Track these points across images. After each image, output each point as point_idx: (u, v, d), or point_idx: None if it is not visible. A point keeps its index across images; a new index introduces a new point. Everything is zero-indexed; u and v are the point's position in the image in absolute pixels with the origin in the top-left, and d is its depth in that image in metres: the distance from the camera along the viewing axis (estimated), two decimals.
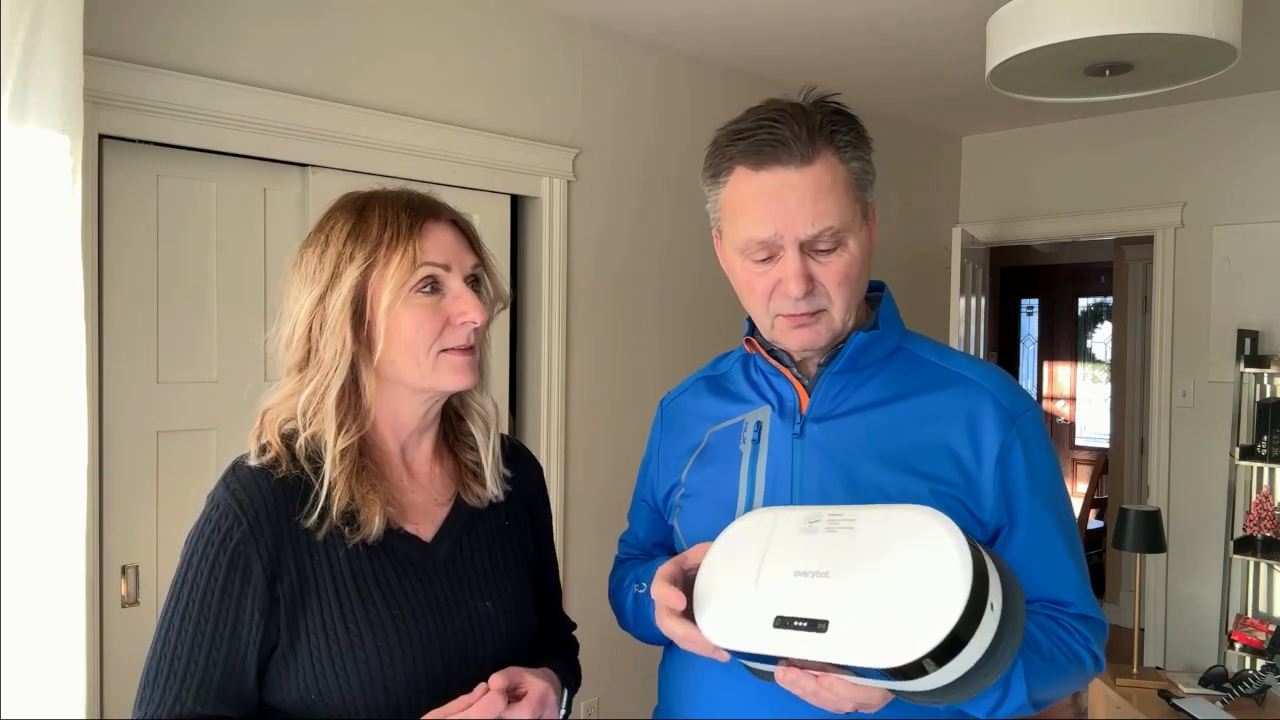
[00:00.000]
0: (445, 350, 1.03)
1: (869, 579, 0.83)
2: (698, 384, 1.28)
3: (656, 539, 1.30)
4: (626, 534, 1.37)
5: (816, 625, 0.83)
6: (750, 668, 0.94)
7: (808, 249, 1.03)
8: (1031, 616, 1.05)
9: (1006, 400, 1.08)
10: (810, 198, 1.01)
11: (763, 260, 1.05)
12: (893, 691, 0.85)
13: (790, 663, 0.86)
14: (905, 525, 0.85)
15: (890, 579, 0.82)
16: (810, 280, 1.03)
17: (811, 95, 1.07)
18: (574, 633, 1.30)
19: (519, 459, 1.21)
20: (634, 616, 1.21)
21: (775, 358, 1.13)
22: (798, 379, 1.13)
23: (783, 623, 0.85)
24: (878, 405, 1.09)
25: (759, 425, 1.14)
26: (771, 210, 1.03)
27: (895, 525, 0.86)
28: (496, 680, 0.99)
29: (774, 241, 1.03)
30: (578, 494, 3.08)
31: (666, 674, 1.21)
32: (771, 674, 0.89)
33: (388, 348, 1.01)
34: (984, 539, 1.07)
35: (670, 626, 0.96)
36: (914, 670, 0.78)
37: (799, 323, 1.06)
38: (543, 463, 2.94)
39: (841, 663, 0.81)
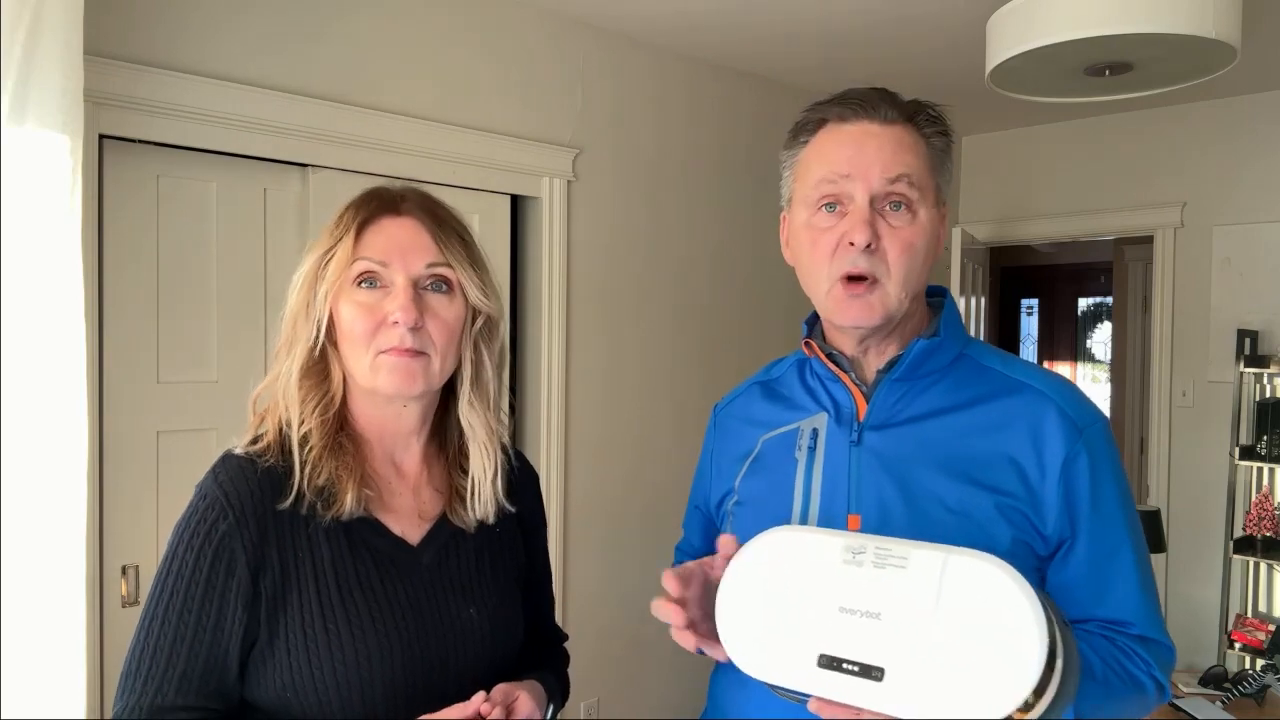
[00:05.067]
0: (383, 351, 1.01)
1: (928, 626, 0.77)
2: (751, 389, 1.25)
3: (711, 547, 1.28)
4: (682, 542, 1.34)
5: (870, 672, 0.78)
6: (777, 690, 0.88)
7: (878, 205, 1.03)
8: (1086, 637, 1.00)
9: (1073, 411, 1.04)
10: (890, 148, 1.04)
11: (830, 212, 1.05)
12: None
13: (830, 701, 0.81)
14: (966, 571, 0.78)
15: (954, 629, 0.76)
16: (875, 236, 1.02)
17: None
18: (570, 638, 1.29)
19: (515, 467, 1.18)
20: None
21: (835, 362, 1.11)
22: (856, 385, 1.10)
23: (829, 662, 0.79)
24: (939, 414, 1.06)
25: (815, 432, 1.10)
26: (850, 154, 1.04)
27: (954, 570, 0.78)
28: (498, 697, 0.98)
29: (846, 187, 1.03)
30: (578, 496, 3.08)
31: (720, 682, 1.17)
32: (801, 700, 0.85)
33: (340, 340, 1.03)
34: (1047, 552, 1.03)
35: (682, 639, 0.93)
36: None
37: (855, 291, 1.03)
38: (543, 465, 2.98)
39: (900, 716, 0.76)
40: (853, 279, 1.03)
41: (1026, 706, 0.74)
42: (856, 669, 0.78)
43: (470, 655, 1.04)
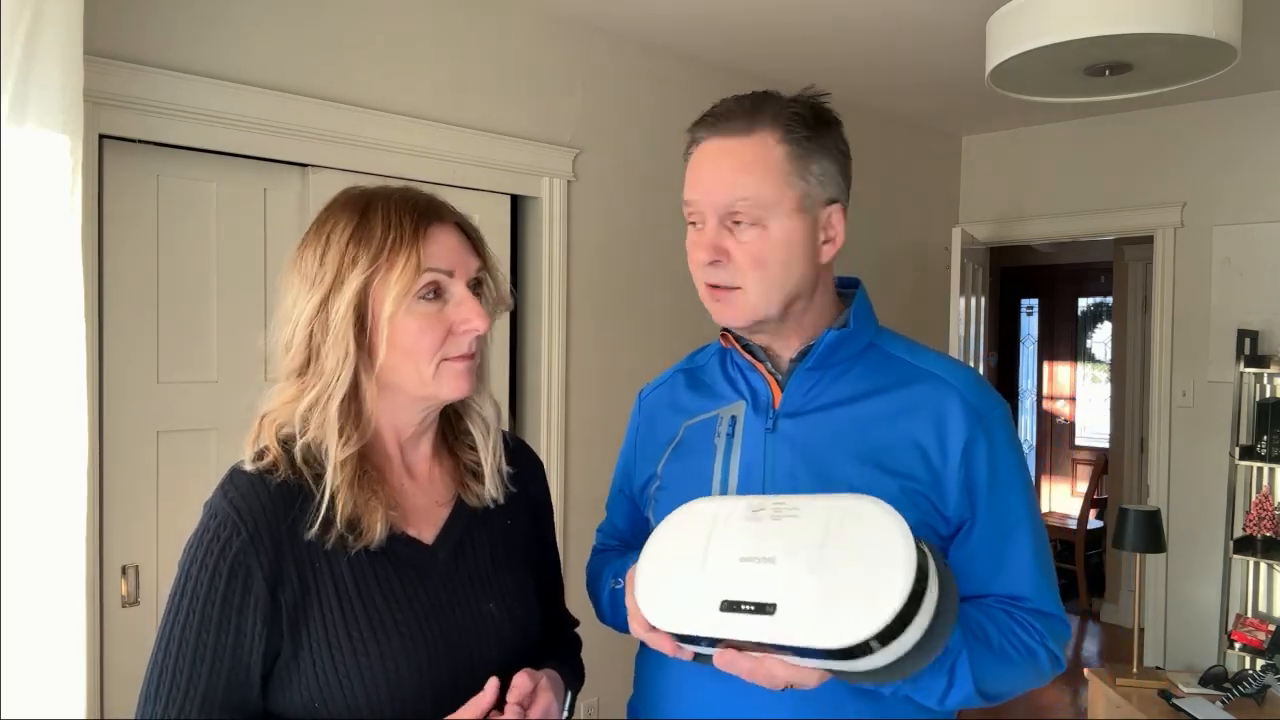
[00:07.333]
0: (447, 359, 1.01)
1: (814, 564, 0.85)
2: (675, 376, 1.31)
3: (634, 529, 1.32)
4: (604, 524, 1.40)
5: (764, 608, 0.85)
6: (692, 650, 0.95)
7: (728, 220, 1.06)
8: (984, 609, 1.06)
9: (974, 398, 1.09)
10: (729, 169, 1.05)
11: (695, 227, 1.09)
12: (831, 671, 0.87)
13: (729, 644, 0.88)
14: (848, 513, 0.87)
15: (835, 564, 0.84)
16: (722, 253, 1.06)
17: (806, 92, 1.11)
18: (576, 630, 1.30)
19: (520, 456, 1.20)
20: (610, 608, 1.23)
21: (750, 353, 1.15)
22: (771, 374, 1.14)
23: (730, 606, 0.87)
24: (848, 401, 1.11)
25: (734, 420, 1.15)
26: (700, 174, 1.08)
27: (839, 513, 0.87)
28: (519, 686, 0.99)
29: (698, 206, 1.08)
30: (578, 493, 3.08)
31: (643, 663, 1.22)
32: (709, 657, 0.91)
33: (389, 355, 0.99)
34: (948, 532, 1.09)
35: (643, 636, 0.97)
36: (860, 651, 0.80)
37: (715, 296, 1.09)
38: (543, 462, 2.97)
39: (789, 644, 0.83)
40: (713, 285, 1.09)
41: (890, 634, 0.80)
42: (753, 608, 0.85)
43: (493, 650, 1.05)
